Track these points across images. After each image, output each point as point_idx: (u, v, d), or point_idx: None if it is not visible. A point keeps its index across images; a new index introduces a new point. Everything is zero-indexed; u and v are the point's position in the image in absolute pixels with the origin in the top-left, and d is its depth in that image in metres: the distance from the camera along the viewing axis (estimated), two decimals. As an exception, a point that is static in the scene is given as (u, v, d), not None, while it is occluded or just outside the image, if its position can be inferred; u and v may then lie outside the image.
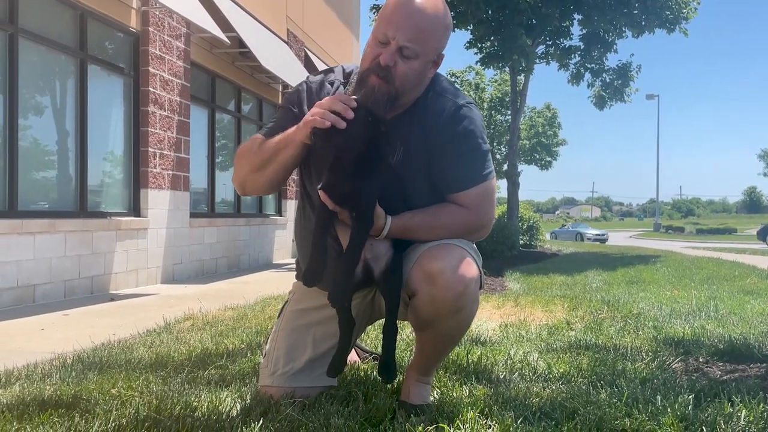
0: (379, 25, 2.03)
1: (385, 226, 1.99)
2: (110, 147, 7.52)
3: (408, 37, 1.98)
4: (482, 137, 2.15)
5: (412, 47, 1.99)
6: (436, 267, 1.95)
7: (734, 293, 6.58)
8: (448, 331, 2.06)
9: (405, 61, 2.01)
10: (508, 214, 13.32)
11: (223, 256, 9.75)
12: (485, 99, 26.34)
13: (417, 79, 2.08)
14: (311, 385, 2.21)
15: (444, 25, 2.07)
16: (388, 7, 2.05)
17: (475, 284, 2.02)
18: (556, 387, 2.44)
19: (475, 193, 2.11)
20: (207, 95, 9.72)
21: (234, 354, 3.06)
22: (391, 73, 1.99)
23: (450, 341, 2.16)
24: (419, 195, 2.12)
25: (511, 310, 5.51)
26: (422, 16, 2.00)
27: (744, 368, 2.91)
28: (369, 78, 2.01)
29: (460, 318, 2.03)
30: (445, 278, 1.94)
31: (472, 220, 2.12)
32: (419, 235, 2.06)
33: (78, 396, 2.22)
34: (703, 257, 12.34)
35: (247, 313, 4.72)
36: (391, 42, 1.99)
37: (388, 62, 1.98)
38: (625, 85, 13.63)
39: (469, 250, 2.07)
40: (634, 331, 3.91)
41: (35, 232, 5.96)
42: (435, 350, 2.15)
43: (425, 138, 2.10)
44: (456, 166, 2.10)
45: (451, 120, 2.11)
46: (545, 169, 27.93)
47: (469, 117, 2.13)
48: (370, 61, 2.03)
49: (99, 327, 4.62)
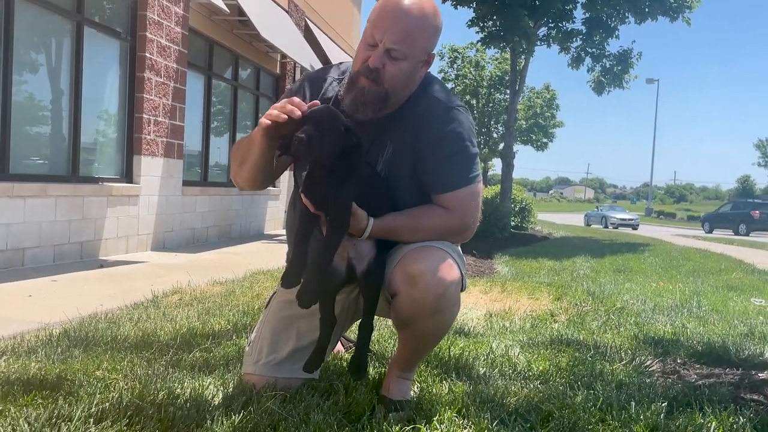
0: (368, 28, 2.06)
1: (367, 228, 2.01)
2: (104, 112, 7.46)
3: (395, 39, 2.01)
4: (471, 140, 2.17)
5: (400, 49, 2.02)
6: (418, 269, 1.98)
7: (718, 288, 6.66)
8: (427, 330, 2.10)
9: (393, 62, 2.03)
10: (501, 196, 13.34)
11: (215, 225, 9.76)
12: (485, 77, 26.24)
13: (407, 80, 2.10)
14: (293, 376, 2.24)
15: (432, 26, 2.09)
16: (375, 10, 2.07)
17: (456, 286, 2.05)
18: (534, 386, 2.48)
19: (460, 195, 2.13)
20: (204, 62, 9.64)
21: (220, 336, 3.09)
22: (380, 75, 2.02)
23: (430, 340, 2.19)
24: (406, 193, 2.15)
25: (498, 296, 5.57)
26: (409, 18, 2.02)
27: (720, 373, 2.96)
28: (359, 80, 2.05)
29: (439, 319, 2.06)
30: (426, 280, 1.97)
31: (455, 223, 2.14)
32: (402, 237, 2.08)
33: (62, 376, 2.25)
34: (691, 248, 12.42)
35: (235, 290, 4.75)
36: (379, 44, 2.01)
37: (376, 65, 2.01)
38: (625, 72, 13.58)
39: (451, 253, 2.09)
40: (615, 327, 3.96)
41: (26, 195, 5.95)
42: (415, 348, 2.19)
43: (414, 138, 2.11)
44: (442, 167, 2.12)
45: (440, 122, 2.12)
46: (541, 150, 27.93)
47: (458, 120, 2.14)
48: (360, 64, 2.06)
49: (87, 296, 4.64)
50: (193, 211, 9.15)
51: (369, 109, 2.04)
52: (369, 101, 2.03)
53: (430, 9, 2.07)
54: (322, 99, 2.16)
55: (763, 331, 3.97)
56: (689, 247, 12.55)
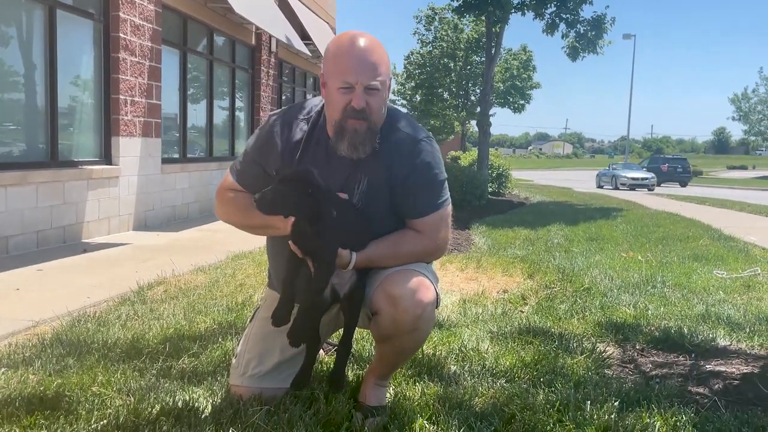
0: (335, 75, 2.18)
1: (351, 262, 2.19)
2: (80, 95, 7.47)
3: (369, 76, 2.17)
4: (439, 168, 2.35)
5: (374, 83, 2.18)
6: (398, 292, 2.17)
7: (685, 258, 6.92)
8: (405, 345, 2.30)
9: (373, 97, 2.19)
10: (478, 164, 13.51)
11: (195, 201, 9.84)
12: (462, 39, 26.11)
13: (383, 109, 2.27)
14: (278, 386, 2.43)
15: (386, 53, 2.27)
16: (334, 57, 2.21)
17: (432, 306, 2.24)
18: (500, 386, 2.69)
19: (432, 220, 2.32)
20: (179, 38, 9.58)
21: (206, 338, 3.26)
22: (366, 112, 2.18)
23: (407, 353, 2.40)
24: (383, 219, 2.33)
25: (473, 274, 5.79)
26: (370, 54, 2.19)
27: (673, 362, 3.20)
28: (347, 123, 2.19)
29: (416, 336, 2.26)
30: (405, 302, 2.16)
31: (429, 245, 2.34)
32: (382, 264, 2.26)
33: (61, 392, 2.41)
34: (662, 212, 12.73)
35: (218, 279, 4.90)
36: (356, 86, 2.16)
37: (362, 104, 2.17)
38: (599, 37, 13.67)
39: (427, 275, 2.28)
40: (581, 311, 4.19)
41: (7, 184, 6.01)
42: (392, 361, 2.39)
43: (386, 170, 2.28)
44: (414, 195, 2.30)
45: (410, 154, 2.29)
46: (518, 112, 28.03)
47: (425, 150, 2.32)
48: (342, 110, 2.19)
49: (73, 287, 4.77)
50: (173, 188, 9.23)
51: (367, 146, 2.22)
52: (364, 139, 2.20)
53: (377, 40, 2.26)
54: (291, 143, 2.31)
55: (717, 312, 4.22)
56: (661, 212, 12.85)
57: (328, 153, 2.28)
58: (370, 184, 2.28)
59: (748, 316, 4.17)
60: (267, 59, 12.68)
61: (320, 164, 2.22)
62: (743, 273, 5.95)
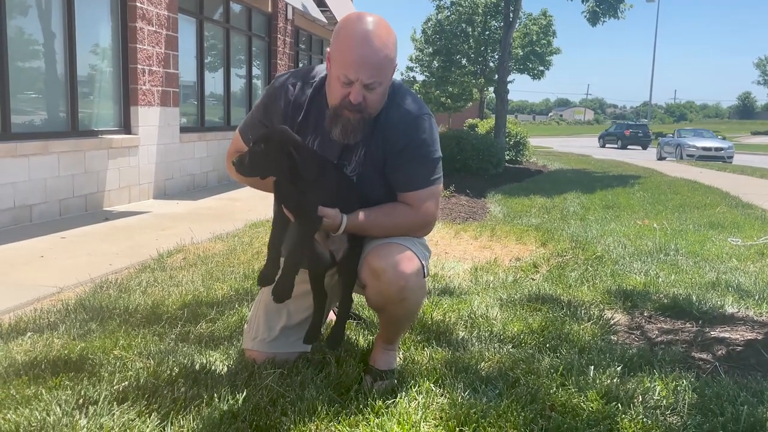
0: (338, 67, 2.19)
1: (341, 224, 2.24)
2: (99, 65, 7.55)
3: (369, 75, 2.17)
4: (434, 146, 2.39)
5: (375, 81, 2.20)
6: (379, 265, 2.24)
7: (700, 226, 6.93)
8: (398, 314, 2.37)
9: (371, 92, 2.22)
10: (495, 132, 13.44)
11: (214, 169, 9.95)
12: (480, 4, 25.71)
13: (384, 99, 2.31)
14: (288, 350, 2.53)
15: (394, 46, 2.24)
16: (342, 47, 2.18)
17: (416, 276, 2.28)
18: (506, 351, 2.77)
19: (422, 194, 2.37)
20: (195, 7, 9.60)
21: (223, 304, 3.37)
22: (362, 106, 2.22)
23: (404, 321, 2.46)
24: (376, 190, 2.38)
25: (487, 242, 5.85)
26: (376, 53, 2.16)
27: (679, 328, 3.26)
28: (343, 113, 2.24)
29: (406, 305, 2.33)
30: (388, 275, 2.23)
31: (418, 219, 2.38)
32: (371, 232, 2.33)
33: (84, 355, 2.53)
34: (681, 179, 12.64)
35: (236, 247, 5.01)
36: (355, 83, 2.18)
37: (358, 100, 2.20)
38: (620, 1, 13.45)
39: (410, 247, 2.32)
40: (591, 279, 4.24)
41: (29, 154, 6.14)
42: (392, 327, 2.47)
43: (384, 142, 2.34)
44: (408, 169, 2.35)
45: (408, 129, 2.34)
46: (537, 78, 27.55)
47: (423, 128, 2.36)
48: (340, 99, 2.23)
49: (95, 254, 4.91)
50: (192, 157, 9.34)
51: (358, 134, 2.26)
52: (357, 128, 2.25)
53: (387, 32, 2.21)
54: (294, 105, 2.37)
55: (727, 280, 4.25)
56: (679, 179, 12.76)
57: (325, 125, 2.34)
58: (367, 154, 2.34)
59: (758, 284, 4.20)
60: (283, 27, 12.66)
61: (320, 129, 2.30)
62: (758, 240, 5.95)
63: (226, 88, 10.80)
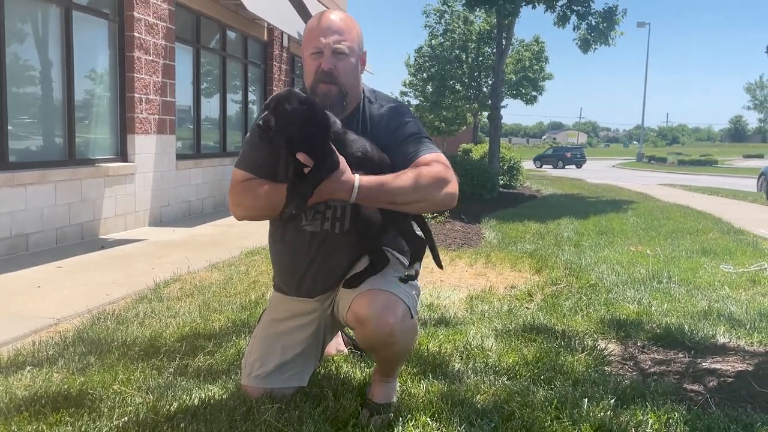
0: (308, 45, 2.41)
1: (355, 181, 2.21)
2: (97, 94, 7.63)
3: (336, 39, 2.38)
4: (422, 128, 2.49)
5: (342, 46, 2.38)
6: (363, 313, 2.28)
7: (693, 252, 6.98)
8: (389, 355, 2.41)
9: (341, 60, 2.38)
10: (489, 157, 13.56)
11: (209, 196, 10.00)
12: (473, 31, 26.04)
13: (354, 75, 2.45)
14: (283, 386, 2.55)
15: (357, 26, 2.48)
16: (308, 30, 2.43)
17: (402, 322, 2.29)
18: (502, 383, 2.80)
19: (431, 155, 2.38)
20: (192, 35, 9.72)
21: (221, 336, 3.40)
22: (334, 75, 2.36)
23: (397, 359, 2.49)
24: None
25: (482, 269, 5.89)
26: (338, 21, 2.41)
27: (671, 359, 3.30)
28: (318, 87, 2.38)
29: (396, 348, 2.37)
30: (372, 324, 2.27)
31: (436, 170, 2.32)
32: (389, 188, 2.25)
33: (84, 390, 2.55)
34: (674, 205, 12.73)
35: (232, 276, 5.04)
36: (324, 49, 2.36)
37: (330, 66, 2.36)
38: (611, 29, 13.63)
39: (394, 291, 2.33)
40: (585, 308, 4.29)
41: (27, 183, 6.19)
42: (387, 365, 2.50)
43: (375, 132, 2.44)
44: (411, 142, 2.39)
45: (396, 114, 2.47)
46: (530, 104, 27.82)
47: (409, 113, 2.52)
48: (314, 73, 2.40)
49: (92, 284, 4.93)
50: (188, 184, 9.39)
51: (336, 109, 2.36)
52: (334, 102, 2.37)
53: (347, 14, 2.47)
54: None
55: (719, 308, 4.30)
56: (671, 205, 12.86)
57: None
58: None
59: (750, 312, 4.25)
60: (279, 54, 12.80)
61: None
62: (750, 267, 6.01)
63: (222, 115, 10.89)
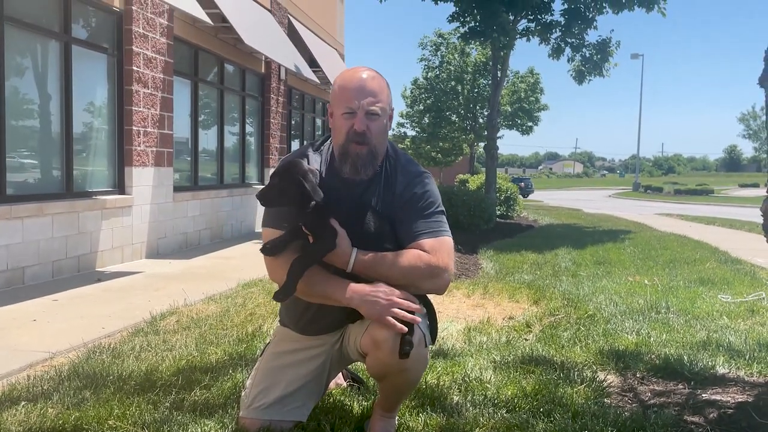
0: (339, 104, 2.41)
1: (352, 255, 2.30)
2: (95, 127, 7.67)
3: (370, 101, 2.38)
4: (438, 202, 2.51)
5: (375, 108, 2.39)
6: (381, 336, 2.27)
7: (691, 282, 6.97)
8: (398, 383, 2.40)
9: (373, 121, 2.40)
10: (486, 188, 13.62)
11: (206, 227, 10.00)
12: (469, 63, 26.39)
13: (384, 136, 2.48)
14: (282, 419, 2.53)
15: (387, 85, 2.49)
16: (340, 89, 2.43)
17: (417, 347, 2.30)
18: (501, 416, 2.78)
19: (436, 241, 2.41)
20: (190, 69, 9.81)
21: (217, 369, 3.37)
22: (367, 136, 2.38)
23: (404, 390, 2.49)
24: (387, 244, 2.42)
25: (480, 300, 5.87)
26: (371, 82, 2.42)
27: (671, 390, 3.28)
28: (350, 147, 2.40)
29: (407, 375, 2.37)
30: (389, 345, 2.26)
31: (433, 261, 2.37)
32: (382, 269, 2.32)
33: (79, 426, 2.52)
34: (671, 234, 12.75)
35: (229, 308, 5.02)
36: (357, 111, 2.37)
37: (363, 128, 2.37)
38: (604, 60, 13.82)
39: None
40: (584, 339, 4.27)
41: (23, 216, 6.18)
42: (393, 397, 2.49)
43: (393, 196, 2.46)
44: (422, 218, 2.44)
45: (415, 184, 2.48)
46: (526, 134, 28.11)
47: (429, 183, 2.52)
48: (345, 133, 2.40)
49: (88, 317, 4.90)
50: (185, 216, 9.39)
51: (368, 168, 2.41)
52: (366, 162, 2.40)
53: (379, 73, 2.47)
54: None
55: (718, 339, 4.28)
56: (668, 234, 12.87)
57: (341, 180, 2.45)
58: (377, 208, 2.44)
59: (749, 342, 4.24)
60: (276, 87, 12.91)
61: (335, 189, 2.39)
62: (748, 297, 6.00)
63: (219, 147, 10.94)
